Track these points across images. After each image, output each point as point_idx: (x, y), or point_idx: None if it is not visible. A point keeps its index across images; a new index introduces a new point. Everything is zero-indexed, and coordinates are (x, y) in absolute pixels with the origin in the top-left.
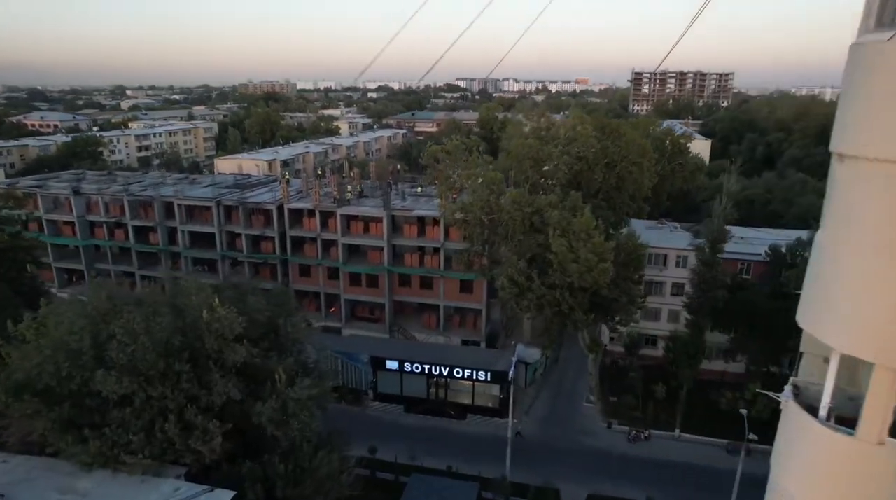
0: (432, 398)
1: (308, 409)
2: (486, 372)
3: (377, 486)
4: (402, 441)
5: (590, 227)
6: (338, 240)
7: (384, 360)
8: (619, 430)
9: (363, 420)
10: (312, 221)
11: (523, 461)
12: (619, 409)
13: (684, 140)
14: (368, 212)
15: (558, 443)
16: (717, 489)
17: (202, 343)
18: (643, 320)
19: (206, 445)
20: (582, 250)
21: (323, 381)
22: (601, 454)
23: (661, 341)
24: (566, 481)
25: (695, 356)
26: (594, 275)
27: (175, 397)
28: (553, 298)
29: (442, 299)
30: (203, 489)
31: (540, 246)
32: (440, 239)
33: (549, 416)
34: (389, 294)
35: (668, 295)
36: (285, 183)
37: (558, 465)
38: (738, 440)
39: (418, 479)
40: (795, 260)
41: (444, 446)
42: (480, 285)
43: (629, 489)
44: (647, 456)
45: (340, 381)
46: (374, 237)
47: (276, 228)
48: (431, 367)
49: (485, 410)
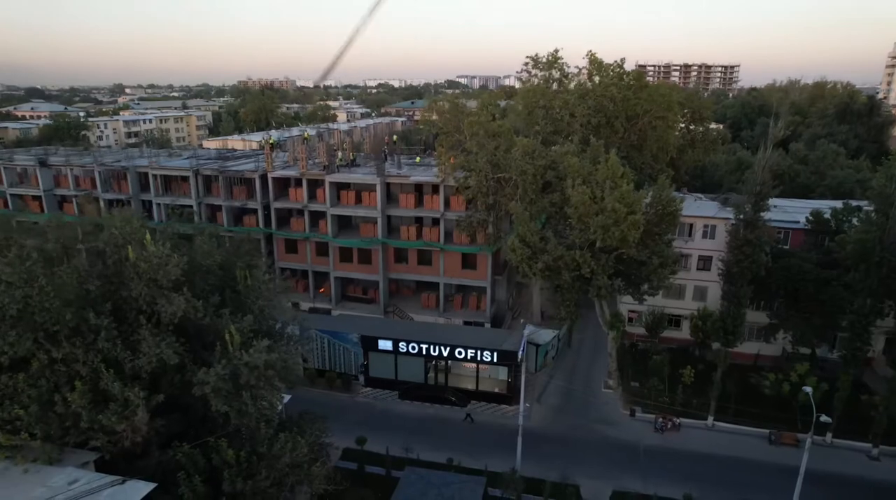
0: (431, 384)
1: (267, 379)
2: (491, 353)
3: (366, 482)
4: (396, 432)
5: (616, 174)
6: (327, 211)
7: (376, 339)
8: (643, 418)
9: (352, 408)
10: (299, 192)
11: (536, 454)
12: (643, 395)
13: (706, 106)
14: (360, 179)
15: (575, 433)
16: (764, 485)
17: (129, 291)
18: (666, 297)
19: (124, 421)
20: (608, 200)
21: (289, 345)
22: (625, 445)
23: (686, 322)
24: (586, 476)
25: (733, 332)
26: (622, 229)
27: (89, 359)
28: (571, 259)
29: (442, 277)
30: (110, 480)
31: (554, 205)
32: (440, 208)
33: (564, 404)
34: (384, 271)
35: (695, 270)
36: (269, 148)
37: (576, 458)
38: (781, 428)
39: (413, 473)
40: (841, 227)
41: (444, 437)
42: (485, 259)
43: (660, 484)
44: (679, 447)
45: (326, 364)
46: (366, 208)
47: (259, 200)
48: (430, 347)
49: (491, 396)
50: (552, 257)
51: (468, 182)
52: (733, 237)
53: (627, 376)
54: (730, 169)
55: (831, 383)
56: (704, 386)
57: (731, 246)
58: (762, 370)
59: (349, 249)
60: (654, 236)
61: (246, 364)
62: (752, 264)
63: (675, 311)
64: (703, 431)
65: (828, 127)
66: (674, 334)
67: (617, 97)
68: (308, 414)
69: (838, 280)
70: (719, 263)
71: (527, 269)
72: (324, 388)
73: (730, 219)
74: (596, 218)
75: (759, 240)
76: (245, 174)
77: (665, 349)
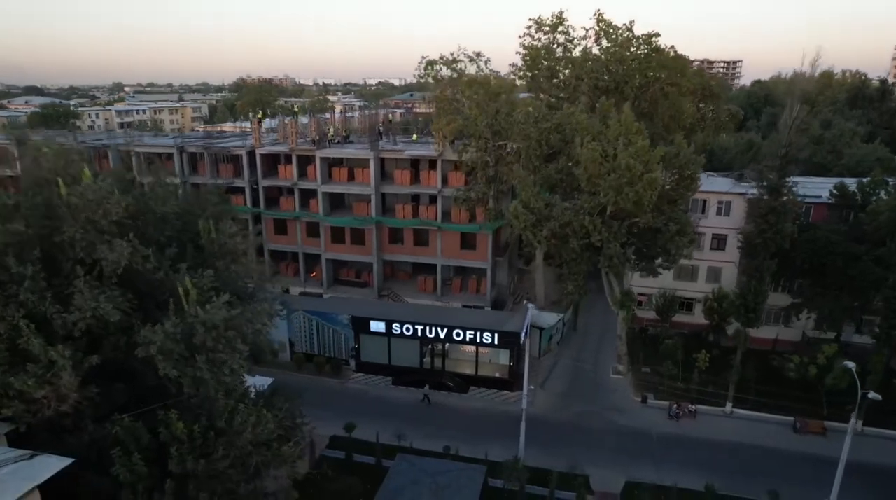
0: (427, 368)
1: (228, 341)
2: (492, 334)
3: (354, 471)
4: (389, 419)
5: (630, 129)
6: (317, 189)
7: (368, 320)
8: (656, 405)
9: (342, 395)
10: (289, 169)
11: (541, 443)
12: (655, 381)
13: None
14: (353, 154)
15: (583, 421)
16: (791, 475)
17: (62, 236)
18: (677, 279)
19: (46, 387)
20: (622, 156)
21: (259, 305)
22: (638, 433)
23: (699, 306)
24: (596, 465)
25: (754, 309)
26: (637, 190)
27: (8, 313)
28: (580, 225)
29: (440, 258)
30: (16, 454)
31: (560, 172)
32: (437, 185)
33: (570, 390)
34: (378, 252)
35: (708, 249)
36: (257, 123)
37: (584, 447)
38: (805, 415)
39: (405, 460)
40: (868, 200)
41: (440, 424)
42: (485, 239)
43: (677, 474)
44: (695, 435)
45: (315, 348)
46: (359, 185)
47: (246, 178)
48: (426, 328)
49: (491, 382)
50: (559, 223)
51: (467, 150)
52: (755, 207)
53: (638, 361)
54: (740, 150)
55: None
56: (720, 372)
57: (753, 216)
58: (782, 355)
59: (341, 229)
60: (670, 202)
61: (202, 323)
62: (775, 234)
63: (687, 294)
64: (720, 418)
65: (839, 113)
66: (686, 319)
67: (627, 58)
68: (282, 391)
69: (868, 255)
70: (739, 235)
71: (531, 236)
72: (312, 373)
73: (747, 194)
74: (608, 178)
75: (785, 207)
76: (232, 151)
77: (677, 334)
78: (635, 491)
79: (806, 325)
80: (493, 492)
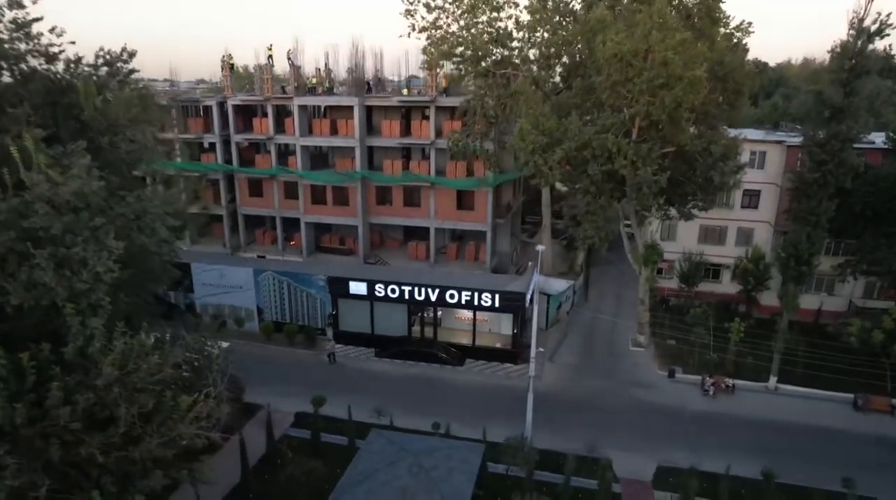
0: (416, 338)
1: (92, 231)
2: (492, 295)
3: (321, 452)
4: (369, 395)
5: (666, 20)
6: (296, 143)
7: (347, 281)
8: (685, 380)
9: (315, 368)
10: (265, 122)
11: (552, 423)
12: (682, 353)
13: None
14: (335, 101)
15: (601, 398)
16: (859, 460)
17: None
18: (702, 242)
19: None
20: (658, 49)
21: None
22: (668, 411)
23: (727, 273)
24: (619, 448)
25: (808, 262)
26: (675, 94)
27: None
28: (601, 146)
29: (433, 220)
30: None
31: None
32: (430, 136)
33: (583, 363)
34: (364, 215)
35: (738, 207)
36: (228, 70)
37: (604, 427)
38: (868, 390)
39: (382, 437)
40: None
41: (429, 401)
42: (484, 198)
43: (718, 458)
44: (736, 414)
45: (286, 316)
46: (343, 138)
47: (217, 132)
48: (415, 290)
49: (492, 353)
50: (576, 143)
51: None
52: (811, 137)
53: (661, 332)
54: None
55: None
56: (756, 346)
57: (807, 148)
58: (825, 327)
59: (322, 188)
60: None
61: (47, 199)
62: (837, 166)
63: (714, 259)
64: (763, 394)
65: None
66: (712, 288)
67: None
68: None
69: None
70: (789, 173)
71: (540, 163)
72: (283, 345)
73: (786, 141)
74: (637, 80)
75: (850, 131)
76: (201, 101)
77: (703, 305)
78: (670, 478)
79: (853, 292)
80: (493, 479)
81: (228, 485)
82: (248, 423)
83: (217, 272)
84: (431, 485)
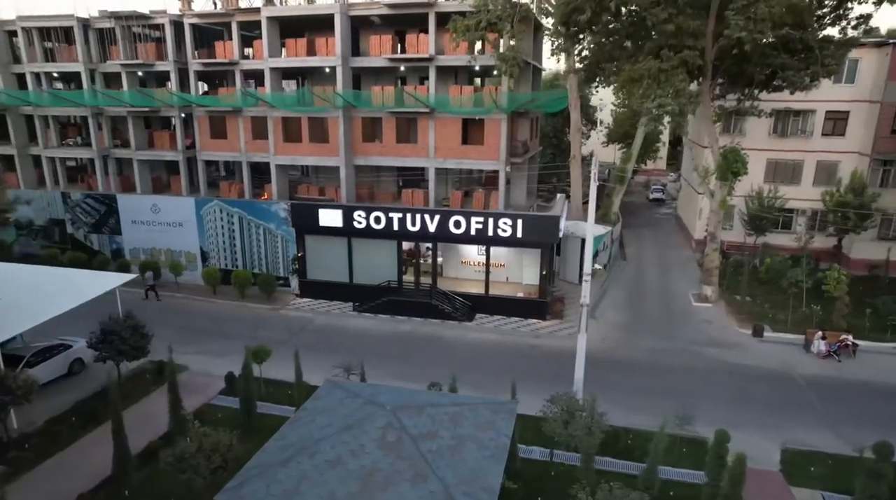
0: (410, 287)
1: None
2: (513, 221)
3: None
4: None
5: None
6: (265, 66)
7: (315, 209)
8: (777, 339)
9: (273, 323)
10: (228, 46)
11: (604, 387)
12: (763, 312)
13: None
14: (312, 10)
15: (668, 361)
16: None
17: None
18: (769, 181)
19: None
20: None
21: None
22: (770, 377)
23: (803, 220)
24: (714, 422)
25: None
26: None
27: None
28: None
29: (432, 159)
30: None
31: None
32: (429, 50)
33: (633, 321)
34: (347, 153)
35: (819, 135)
36: None
37: (682, 396)
38: None
39: (338, 389)
40: None
41: (425, 362)
42: (496, 129)
43: (862, 434)
44: (867, 379)
45: (238, 262)
46: (321, 59)
47: (171, 58)
48: (406, 218)
49: (511, 305)
50: None
51: None
52: None
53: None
54: None
55: None
56: (857, 303)
57: None
58: None
59: (297, 121)
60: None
61: None
62: None
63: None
64: (890, 357)
65: None
66: (780, 241)
67: None
68: None
69: None
70: None
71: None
72: (233, 299)
73: (891, 41)
74: None
75: None
76: (153, 19)
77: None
78: (812, 467)
79: None
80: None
81: (97, 476)
82: (157, 390)
83: (149, 205)
84: (422, 466)
